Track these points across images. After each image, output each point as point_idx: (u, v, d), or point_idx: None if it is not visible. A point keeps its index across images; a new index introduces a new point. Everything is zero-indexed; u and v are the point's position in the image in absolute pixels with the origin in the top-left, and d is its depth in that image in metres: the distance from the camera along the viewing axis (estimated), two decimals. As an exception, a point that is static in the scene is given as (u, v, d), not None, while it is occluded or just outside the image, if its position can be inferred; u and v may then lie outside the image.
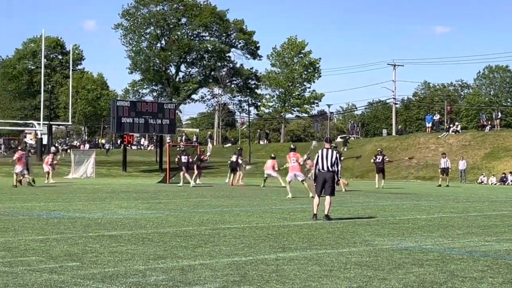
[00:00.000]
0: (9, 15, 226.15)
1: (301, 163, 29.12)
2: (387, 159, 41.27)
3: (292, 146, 30.96)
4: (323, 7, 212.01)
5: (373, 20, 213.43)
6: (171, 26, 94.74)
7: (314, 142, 33.09)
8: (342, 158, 28.42)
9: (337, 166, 17.62)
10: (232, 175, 41.45)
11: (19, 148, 37.82)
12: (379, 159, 40.40)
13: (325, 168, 17.50)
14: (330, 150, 17.75)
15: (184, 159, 38.96)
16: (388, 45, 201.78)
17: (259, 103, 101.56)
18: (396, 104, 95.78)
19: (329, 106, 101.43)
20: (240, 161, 41.84)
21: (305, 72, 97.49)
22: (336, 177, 17.64)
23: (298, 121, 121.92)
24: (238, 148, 46.87)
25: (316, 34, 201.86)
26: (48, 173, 42.41)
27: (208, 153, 46.04)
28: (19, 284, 8.35)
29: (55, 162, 44.12)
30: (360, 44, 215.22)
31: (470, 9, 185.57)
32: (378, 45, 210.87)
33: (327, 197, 17.54)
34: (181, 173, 38.86)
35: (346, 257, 11.12)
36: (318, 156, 17.69)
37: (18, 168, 34.92)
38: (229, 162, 42.98)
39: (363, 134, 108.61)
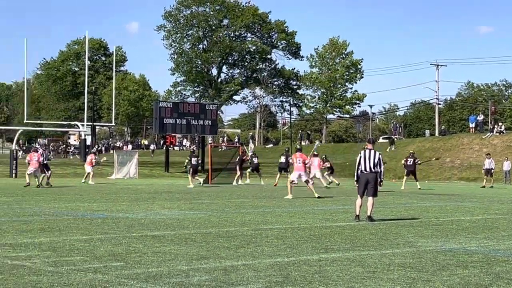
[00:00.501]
0: (53, 17, 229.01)
1: (307, 164, 29.34)
2: (418, 162, 40.72)
3: (298, 147, 31.13)
4: (365, 7, 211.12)
5: (416, 20, 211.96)
6: (213, 27, 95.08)
7: (317, 142, 33.29)
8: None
9: (380, 167, 17.50)
10: (279, 175, 41.27)
11: (32, 149, 38.05)
12: (410, 162, 39.90)
13: (368, 169, 17.38)
14: (372, 151, 17.61)
15: (194, 161, 38.96)
16: (431, 45, 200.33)
17: (300, 104, 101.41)
18: (439, 104, 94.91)
19: (371, 106, 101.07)
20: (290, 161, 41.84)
21: (347, 73, 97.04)
22: (378, 178, 17.52)
23: (340, 121, 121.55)
24: (286, 149, 46.63)
25: (358, 35, 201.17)
26: (89, 173, 42.57)
27: (250, 153, 46.07)
28: (64, 284, 8.45)
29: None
30: (402, 44, 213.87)
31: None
32: (421, 45, 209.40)
33: (370, 198, 17.42)
34: (189, 176, 38.82)
35: (389, 258, 11.04)
36: (360, 157, 17.57)
37: (30, 169, 35.13)
38: (278, 162, 42.81)
39: (405, 135, 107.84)
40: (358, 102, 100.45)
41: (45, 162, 36.19)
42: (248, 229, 15.30)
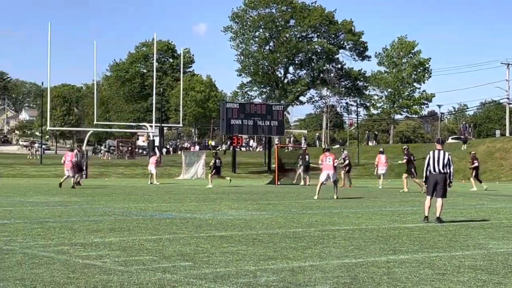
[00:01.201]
0: (122, 20, 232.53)
1: (336, 165, 29.06)
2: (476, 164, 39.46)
3: (326, 147, 30.86)
4: (433, 6, 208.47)
5: (485, 18, 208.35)
6: (280, 28, 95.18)
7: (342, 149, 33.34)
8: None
9: (450, 168, 17.24)
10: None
11: (68, 149, 37.88)
12: (476, 163, 38.93)
13: (437, 170, 17.15)
14: (442, 152, 17.37)
15: (218, 162, 38.75)
16: (501, 44, 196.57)
17: (367, 104, 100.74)
18: (510, 104, 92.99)
19: (439, 106, 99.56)
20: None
21: (415, 72, 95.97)
22: (448, 179, 17.26)
23: (408, 122, 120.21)
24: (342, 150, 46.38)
25: (426, 34, 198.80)
26: (153, 174, 42.48)
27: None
28: (134, 283, 8.56)
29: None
30: (472, 43, 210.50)
31: None
32: (490, 44, 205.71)
33: (439, 199, 17.19)
34: (210, 176, 38.75)
35: (459, 260, 10.88)
36: (429, 158, 17.34)
37: (66, 170, 34.91)
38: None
39: (475, 135, 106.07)
40: (426, 102, 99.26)
41: (78, 162, 35.64)
42: (315, 230, 15.27)
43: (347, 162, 41.14)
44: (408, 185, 34.64)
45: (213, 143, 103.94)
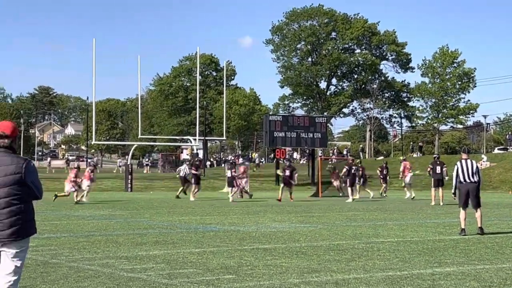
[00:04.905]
0: (166, 34, 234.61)
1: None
2: None
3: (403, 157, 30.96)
4: (476, 16, 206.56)
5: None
6: (321, 40, 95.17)
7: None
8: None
9: (478, 176, 17.09)
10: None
11: (92, 163, 38.04)
12: None
13: (467, 179, 17.01)
14: (468, 161, 17.28)
15: (228, 173, 38.33)
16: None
17: (411, 115, 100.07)
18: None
19: (485, 117, 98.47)
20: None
21: (459, 83, 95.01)
22: (478, 187, 17.13)
23: (453, 132, 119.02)
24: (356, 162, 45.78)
25: (470, 43, 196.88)
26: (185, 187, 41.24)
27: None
28: (178, 296, 8.60)
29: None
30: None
31: None
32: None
33: (478, 211, 17.05)
34: (227, 188, 38.61)
35: (506, 273, 10.73)
36: (457, 168, 17.20)
37: (86, 182, 34.90)
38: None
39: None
40: (471, 112, 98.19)
41: (186, 176, 36.71)
42: (359, 242, 15.18)
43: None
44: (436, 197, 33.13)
45: (256, 156, 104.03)
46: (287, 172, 36.76)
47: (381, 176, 42.66)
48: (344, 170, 39.53)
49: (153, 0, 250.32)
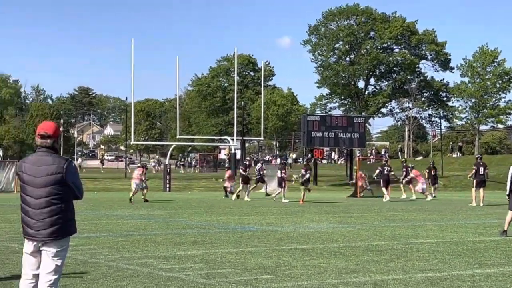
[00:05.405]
0: (204, 35, 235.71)
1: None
2: None
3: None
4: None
5: None
6: (359, 40, 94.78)
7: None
8: None
9: None
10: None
11: (138, 165, 37.65)
12: None
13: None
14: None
15: (279, 174, 37.79)
16: None
17: (450, 115, 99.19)
18: None
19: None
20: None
21: (499, 82, 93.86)
22: None
23: (493, 132, 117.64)
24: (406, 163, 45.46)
25: (510, 42, 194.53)
26: (226, 188, 41.01)
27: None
28: (217, 295, 8.62)
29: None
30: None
31: None
32: None
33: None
34: (241, 185, 38.29)
35: (548, 275, 10.58)
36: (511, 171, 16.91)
37: (134, 183, 34.80)
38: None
39: None
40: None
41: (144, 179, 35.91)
42: (398, 243, 15.09)
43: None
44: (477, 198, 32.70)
45: (294, 156, 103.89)
46: (303, 172, 35.17)
47: (429, 177, 42.26)
48: (377, 171, 39.36)
49: (192, 0, 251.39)
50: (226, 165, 60.57)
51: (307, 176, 34.73)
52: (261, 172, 41.00)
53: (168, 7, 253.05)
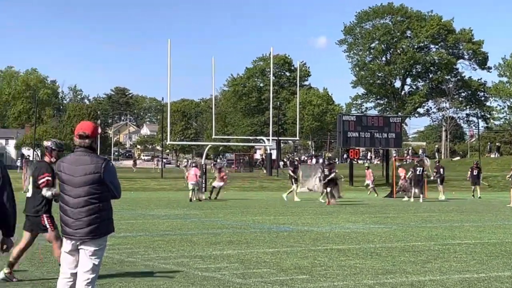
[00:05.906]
0: (240, 35, 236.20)
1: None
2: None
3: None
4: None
5: None
6: (395, 39, 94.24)
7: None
8: None
9: None
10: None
11: (193, 165, 37.49)
12: None
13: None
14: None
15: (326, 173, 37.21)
16: None
17: (488, 115, 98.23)
18: None
19: None
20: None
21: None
22: None
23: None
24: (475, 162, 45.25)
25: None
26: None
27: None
28: (252, 295, 8.63)
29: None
30: None
31: None
32: None
33: None
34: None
35: None
36: None
37: (190, 183, 34.94)
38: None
39: None
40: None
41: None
42: (435, 244, 14.98)
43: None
44: None
45: (329, 156, 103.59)
46: (326, 172, 33.66)
47: (471, 177, 42.31)
48: (410, 172, 39.02)
49: (228, 0, 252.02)
50: (220, 166, 60.27)
51: (332, 176, 33.06)
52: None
53: (204, 7, 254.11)
